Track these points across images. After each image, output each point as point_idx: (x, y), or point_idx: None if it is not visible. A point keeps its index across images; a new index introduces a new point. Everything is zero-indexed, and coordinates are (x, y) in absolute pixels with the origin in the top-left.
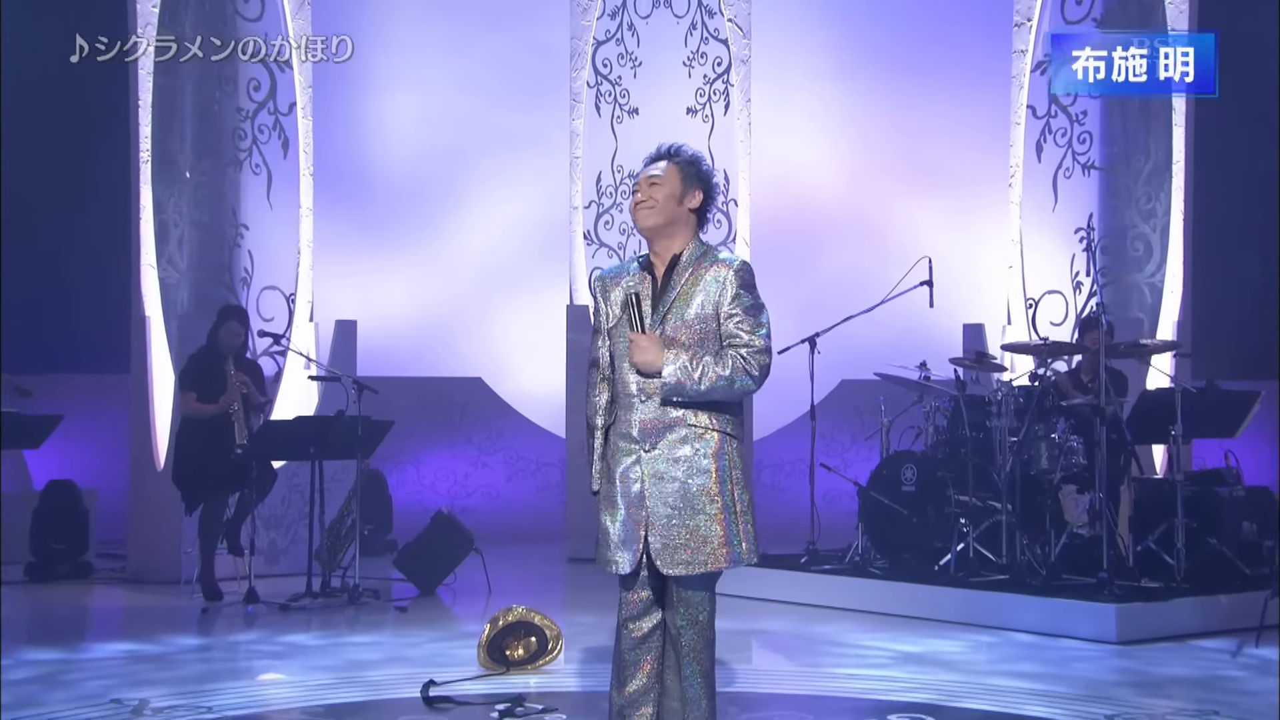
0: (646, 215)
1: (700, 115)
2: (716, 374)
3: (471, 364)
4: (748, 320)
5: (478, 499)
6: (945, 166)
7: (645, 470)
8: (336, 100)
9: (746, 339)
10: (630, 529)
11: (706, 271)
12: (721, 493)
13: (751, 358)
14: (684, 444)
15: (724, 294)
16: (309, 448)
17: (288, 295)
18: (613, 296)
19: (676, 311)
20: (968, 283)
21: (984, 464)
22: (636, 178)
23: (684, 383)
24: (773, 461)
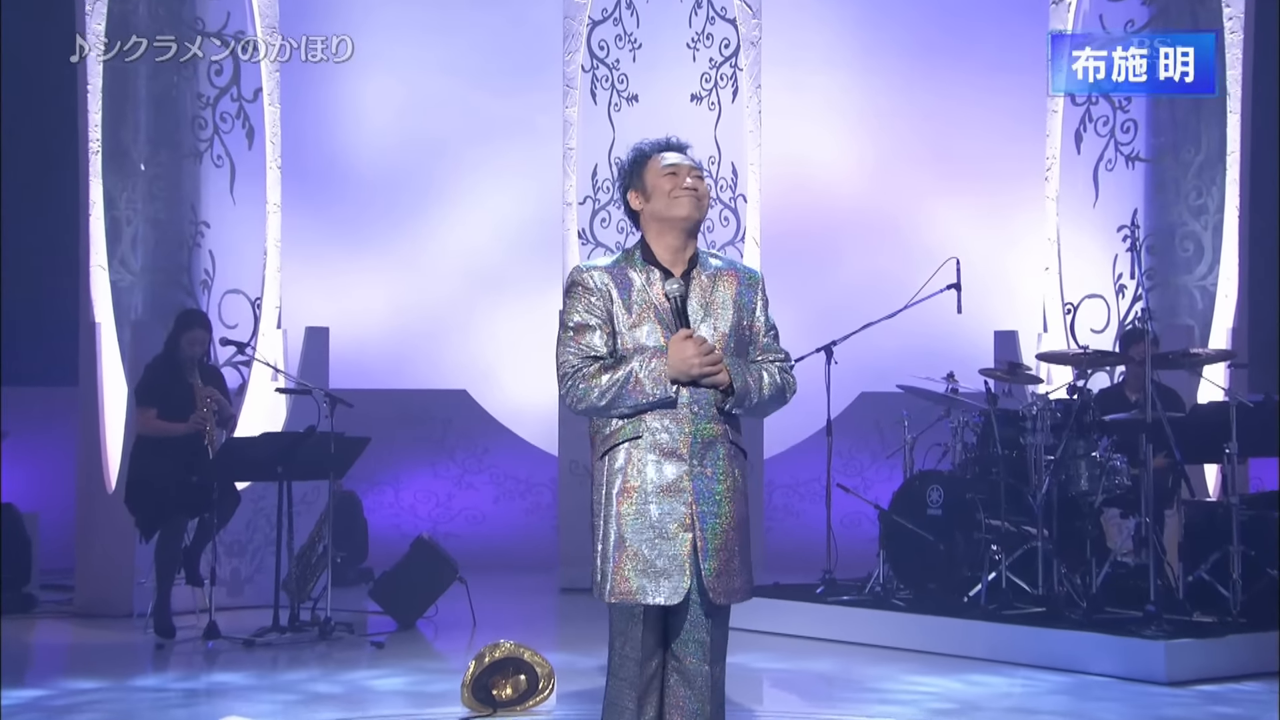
0: (696, 206)
1: (706, 103)
2: (770, 384)
3: (455, 375)
4: (777, 336)
5: (462, 523)
6: (975, 158)
7: (696, 489)
8: (306, 86)
9: (783, 354)
10: (675, 554)
11: (734, 280)
12: (746, 518)
13: (790, 373)
14: (728, 461)
15: (757, 307)
16: (276, 467)
17: (253, 300)
18: (617, 292)
19: (713, 321)
20: (1000, 286)
21: (1018, 485)
22: (646, 161)
23: (748, 391)
24: (785, 482)
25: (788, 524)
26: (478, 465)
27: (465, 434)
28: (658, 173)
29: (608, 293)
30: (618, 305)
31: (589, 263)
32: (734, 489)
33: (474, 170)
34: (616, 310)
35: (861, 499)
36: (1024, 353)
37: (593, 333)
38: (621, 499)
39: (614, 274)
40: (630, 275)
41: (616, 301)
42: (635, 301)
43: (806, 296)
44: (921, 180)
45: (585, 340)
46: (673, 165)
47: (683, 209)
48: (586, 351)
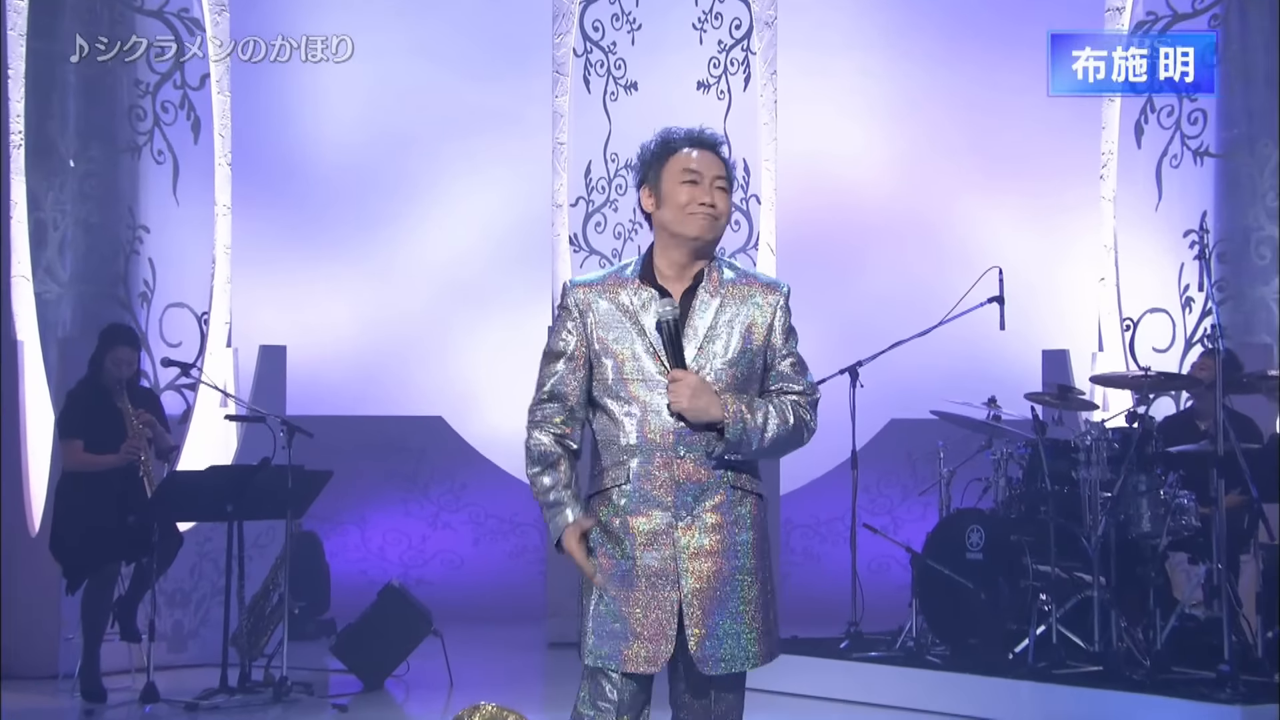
0: (711, 227)
1: (714, 91)
2: (779, 424)
3: (430, 400)
4: (800, 364)
5: (437, 568)
6: (1021, 153)
7: (681, 542)
8: (260, 71)
9: (802, 386)
10: (657, 617)
11: (746, 296)
12: (759, 570)
13: (811, 408)
14: (724, 510)
15: (774, 328)
16: (225, 505)
17: (199, 314)
18: (601, 315)
19: (714, 346)
20: (1048, 299)
21: (1070, 526)
22: (670, 153)
23: (746, 437)
24: (804, 521)
25: (807, 569)
26: (455, 502)
27: (441, 467)
28: (677, 176)
29: (586, 316)
30: (597, 331)
31: (578, 277)
32: (733, 541)
33: (451, 168)
34: (596, 336)
35: (891, 541)
36: (1076, 375)
37: (558, 361)
38: (602, 550)
39: (600, 292)
40: (621, 294)
41: (596, 326)
42: (622, 325)
43: (828, 311)
44: (960, 178)
45: (553, 370)
46: (695, 172)
47: (693, 228)
48: (546, 385)
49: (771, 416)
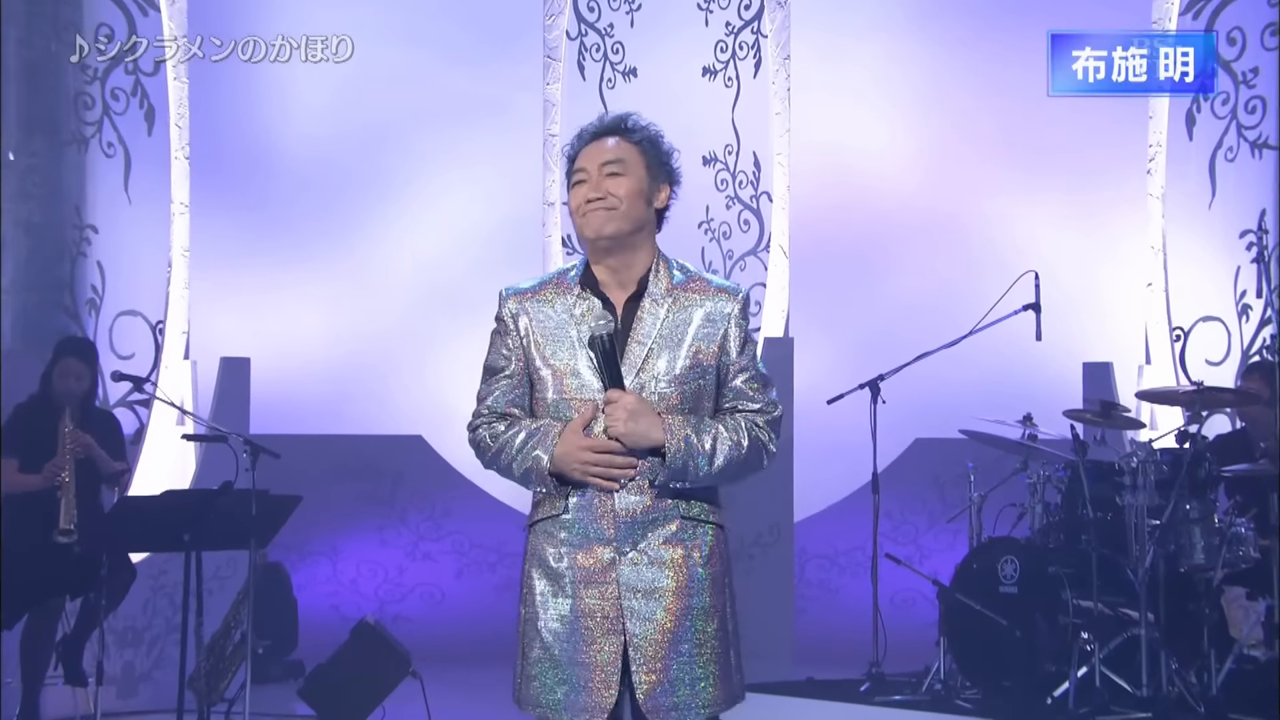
0: (606, 220)
1: (721, 78)
2: (730, 448)
3: (408, 417)
4: (759, 378)
5: (416, 603)
6: (1060, 145)
7: (623, 580)
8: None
9: (761, 403)
10: (600, 662)
11: (696, 303)
12: (718, 608)
13: (770, 428)
14: (674, 543)
15: (728, 339)
16: (182, 534)
17: (154, 324)
18: (536, 326)
19: (658, 362)
20: (1090, 306)
21: (1114, 556)
22: (572, 160)
23: (691, 463)
24: (820, 551)
25: (824, 604)
26: (436, 530)
27: (421, 491)
28: (570, 183)
29: (520, 327)
30: (534, 344)
31: (514, 284)
32: (687, 577)
33: (432, 163)
34: (533, 350)
35: (916, 573)
36: (1121, 390)
37: (498, 377)
38: (540, 590)
39: (536, 300)
40: (559, 302)
41: (532, 339)
42: (560, 336)
43: (847, 320)
44: (992, 173)
45: (489, 386)
46: (581, 170)
47: (589, 229)
48: (486, 400)
49: (721, 439)
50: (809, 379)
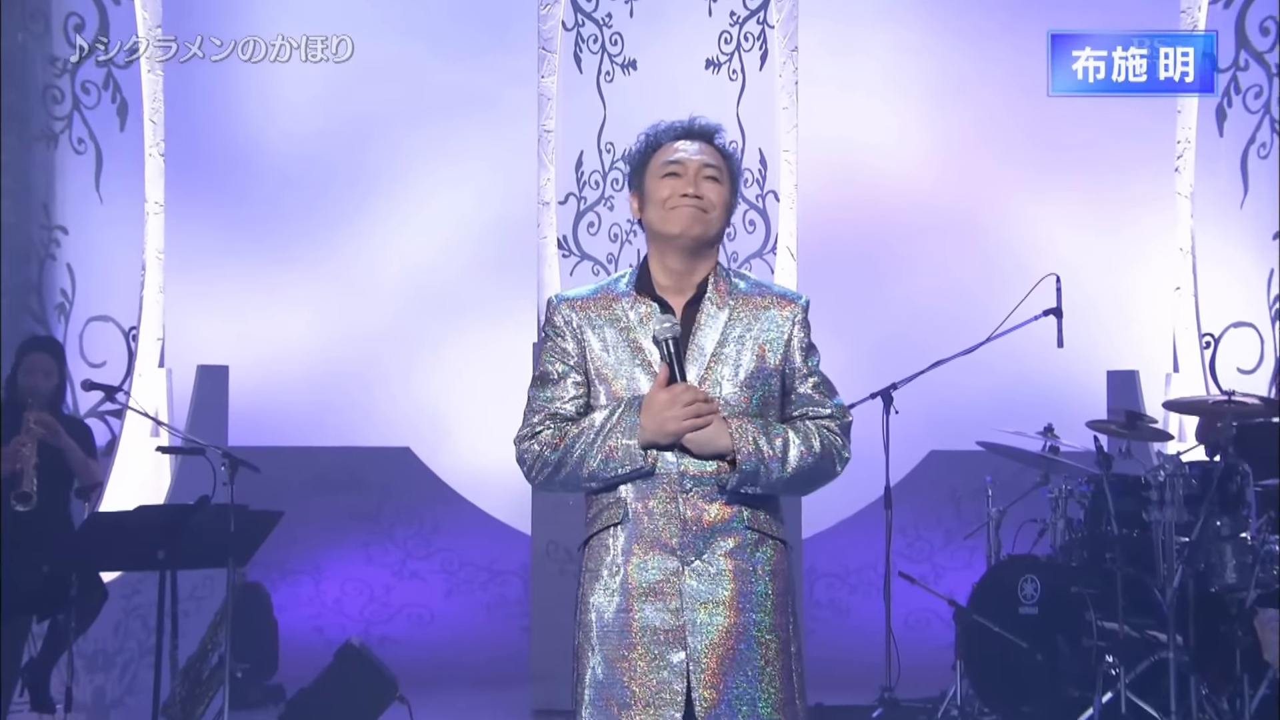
0: (696, 220)
1: (725, 71)
2: (803, 452)
3: (396, 428)
4: (825, 384)
5: (403, 624)
6: (1083, 141)
7: (687, 592)
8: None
9: (830, 409)
10: (660, 680)
11: (758, 308)
12: (782, 628)
13: (843, 433)
14: (739, 555)
15: (792, 345)
16: (156, 551)
17: (127, 330)
18: (594, 334)
19: (722, 367)
20: (1114, 311)
21: (1140, 575)
22: (654, 148)
23: (763, 467)
24: (830, 570)
25: (834, 625)
26: (424, 547)
27: (409, 506)
28: (659, 170)
29: (579, 334)
30: (593, 350)
31: (565, 291)
32: (750, 591)
33: (420, 160)
34: (592, 357)
35: (931, 592)
36: (1147, 400)
37: (557, 384)
38: (597, 604)
39: (591, 307)
40: (616, 309)
41: (592, 345)
42: (618, 345)
43: (857, 325)
44: (1011, 171)
45: (546, 395)
46: (678, 163)
47: (675, 224)
48: (547, 409)
49: (793, 443)
50: None
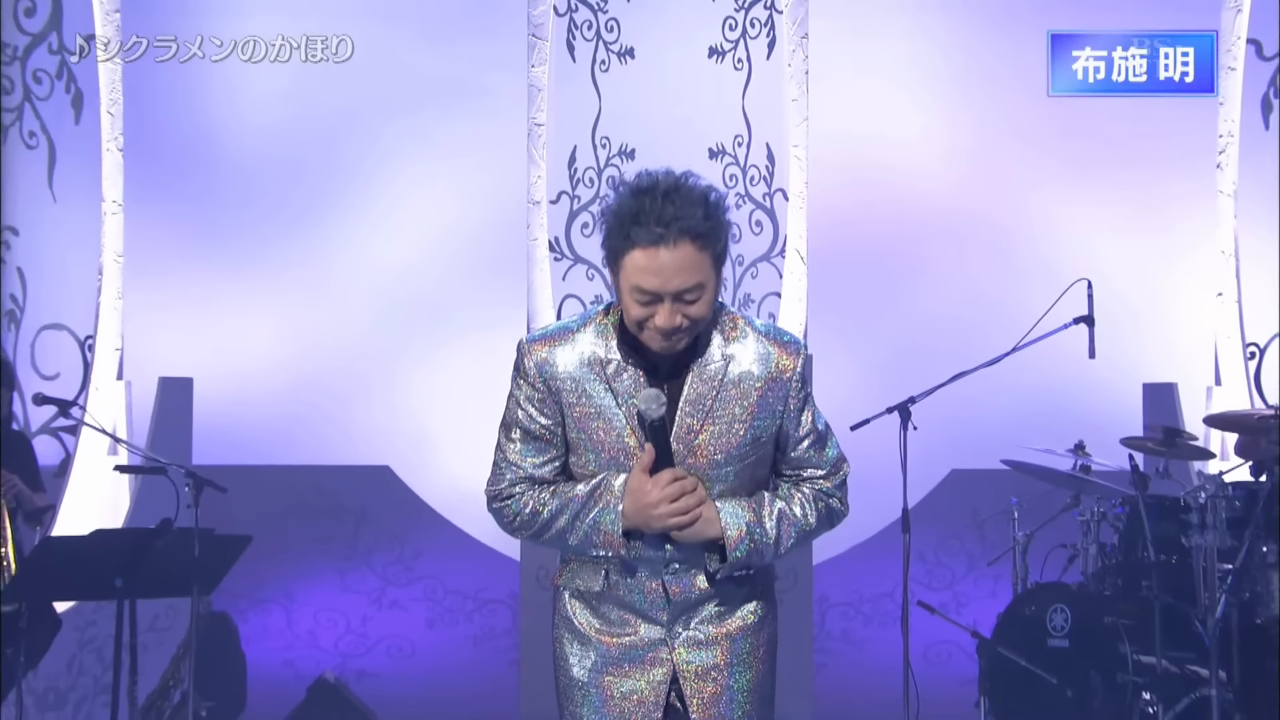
0: (679, 341)
1: (730, 60)
2: (798, 530)
3: (374, 445)
4: (820, 439)
5: (382, 657)
6: (1117, 135)
7: (679, 661)
8: (161, 35)
9: (826, 467)
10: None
11: (752, 369)
12: (767, 681)
13: (839, 489)
14: (729, 613)
15: (789, 406)
16: (113, 579)
17: (82, 339)
18: (570, 389)
19: (714, 440)
20: (1151, 319)
21: (1180, 605)
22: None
23: (755, 555)
24: (844, 599)
25: (847, 659)
26: (405, 574)
27: (388, 529)
28: (629, 283)
29: (556, 394)
30: (572, 416)
31: (538, 331)
32: (741, 649)
33: (400, 156)
34: (571, 423)
35: (953, 623)
36: (1187, 415)
37: (531, 444)
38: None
39: (568, 358)
40: (597, 370)
41: (571, 410)
42: (600, 412)
43: (873, 334)
44: (1039, 168)
45: (518, 451)
46: (648, 293)
47: (651, 344)
48: (520, 470)
49: (787, 521)
50: (829, 402)
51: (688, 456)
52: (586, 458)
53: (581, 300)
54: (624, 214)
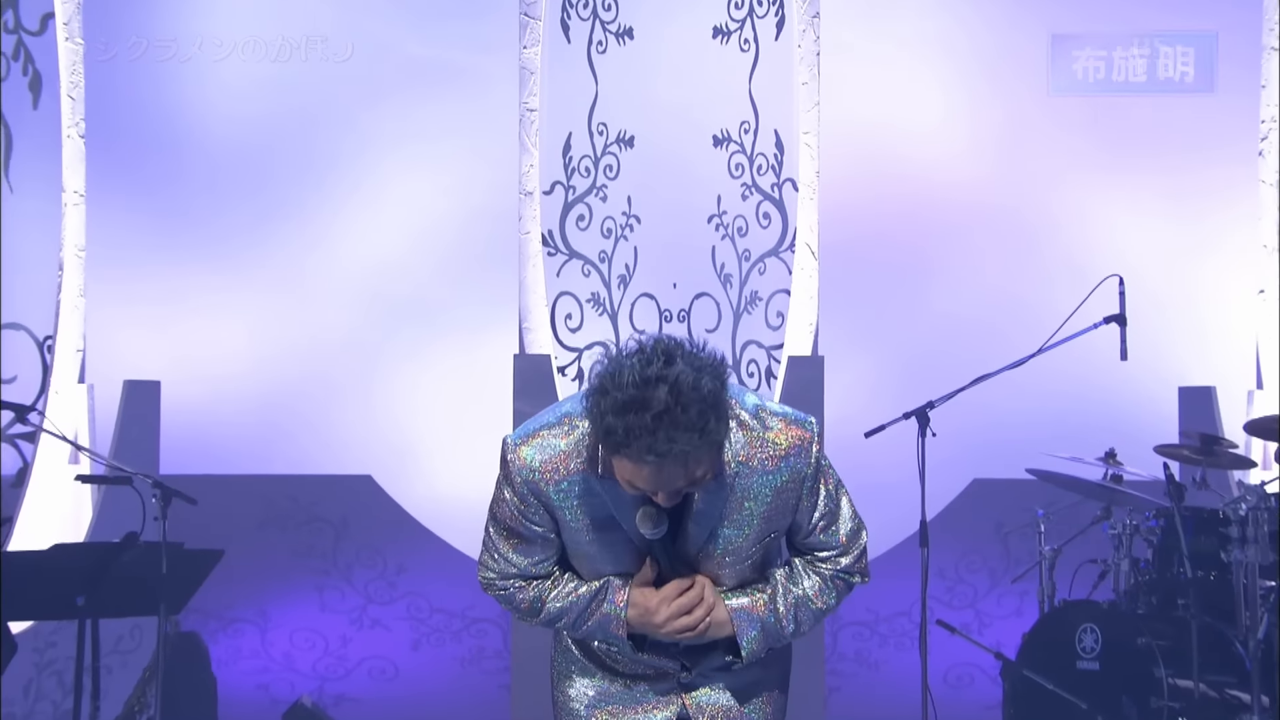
0: None
1: (736, 40)
2: (815, 615)
3: (354, 454)
4: (832, 517)
5: (363, 680)
6: (1151, 122)
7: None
8: (124, 12)
9: (844, 547)
10: None
11: (764, 474)
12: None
13: (857, 565)
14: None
15: (802, 506)
16: (75, 598)
17: (41, 339)
18: (562, 500)
19: (726, 539)
20: (1188, 318)
21: (1219, 625)
22: (640, 487)
23: (770, 647)
24: (858, 617)
25: (861, 682)
26: (389, 591)
27: (370, 543)
28: (620, 475)
29: (548, 506)
30: (568, 529)
31: (525, 429)
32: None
33: (382, 144)
34: (567, 536)
35: (974, 643)
36: (1226, 421)
37: (522, 544)
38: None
39: (557, 469)
40: (591, 484)
41: (565, 523)
42: (596, 524)
43: (889, 334)
44: (1067, 156)
45: (506, 547)
46: (640, 491)
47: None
48: (506, 558)
49: (807, 609)
50: (842, 407)
51: (696, 562)
52: (585, 565)
53: (577, 299)
54: (608, 432)
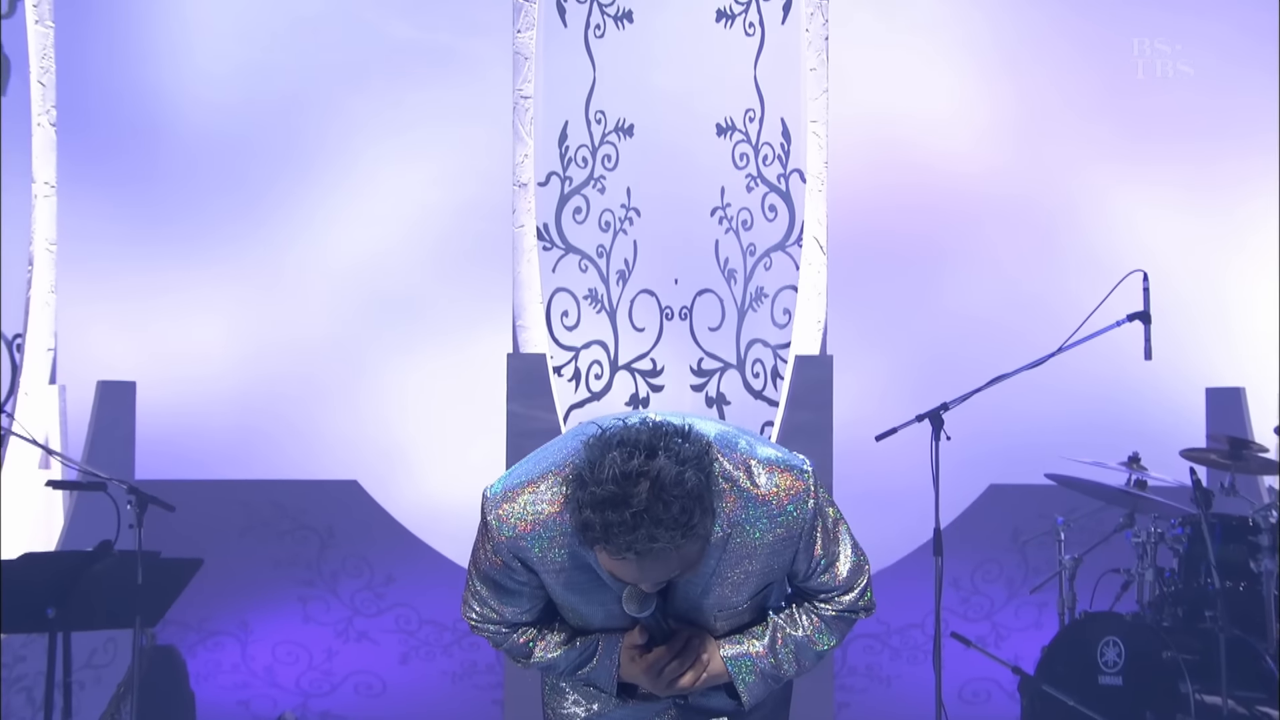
0: None
1: (740, 24)
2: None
3: (340, 458)
4: (831, 559)
5: (349, 696)
6: (1175, 109)
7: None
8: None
9: (845, 588)
10: None
11: (756, 544)
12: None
13: (861, 599)
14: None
15: (799, 555)
16: (44, 609)
17: (10, 338)
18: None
19: (719, 596)
20: (1214, 317)
21: (1248, 639)
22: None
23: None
24: (869, 629)
25: (872, 697)
26: (376, 602)
27: (356, 551)
28: (601, 564)
29: (523, 560)
30: (554, 590)
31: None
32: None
33: (368, 132)
34: (555, 595)
35: (990, 657)
36: (1255, 423)
37: (500, 594)
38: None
39: (543, 542)
40: (577, 552)
41: (550, 585)
42: (581, 586)
43: (901, 333)
44: (1088, 146)
45: (488, 597)
46: (621, 582)
47: None
48: (488, 603)
49: (808, 652)
50: (852, 409)
51: (688, 618)
52: (573, 619)
53: (574, 295)
54: (585, 527)
